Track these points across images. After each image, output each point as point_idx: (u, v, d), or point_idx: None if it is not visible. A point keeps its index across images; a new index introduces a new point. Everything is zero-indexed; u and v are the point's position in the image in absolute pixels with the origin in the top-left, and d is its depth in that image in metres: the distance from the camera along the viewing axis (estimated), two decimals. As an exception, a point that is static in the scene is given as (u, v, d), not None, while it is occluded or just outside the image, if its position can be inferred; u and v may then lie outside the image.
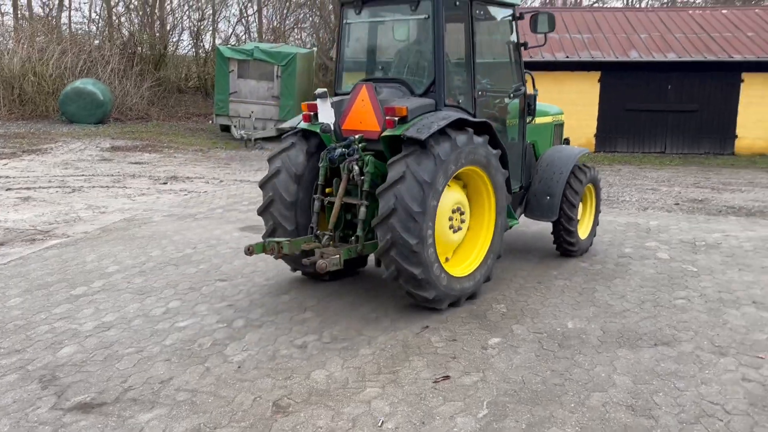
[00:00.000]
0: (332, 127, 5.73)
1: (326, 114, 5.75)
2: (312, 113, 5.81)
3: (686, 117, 17.66)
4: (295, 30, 33.40)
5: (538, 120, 7.20)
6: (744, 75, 17.23)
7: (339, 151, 5.53)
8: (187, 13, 30.78)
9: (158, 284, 6.27)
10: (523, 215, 7.14)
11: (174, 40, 30.16)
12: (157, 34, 28.10)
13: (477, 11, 5.92)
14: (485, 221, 5.91)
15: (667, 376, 4.49)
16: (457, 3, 5.74)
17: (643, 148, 17.92)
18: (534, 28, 6.45)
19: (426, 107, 5.49)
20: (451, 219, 5.55)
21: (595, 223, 7.69)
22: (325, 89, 5.79)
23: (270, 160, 5.97)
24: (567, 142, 8.18)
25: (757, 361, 4.72)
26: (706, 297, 6.06)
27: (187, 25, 30.86)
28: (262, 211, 5.99)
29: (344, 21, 6.24)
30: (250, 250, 5.34)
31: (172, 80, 27.20)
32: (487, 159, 5.63)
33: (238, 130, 18.59)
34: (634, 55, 17.46)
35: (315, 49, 26.31)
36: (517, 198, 6.95)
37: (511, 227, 6.40)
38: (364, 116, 5.64)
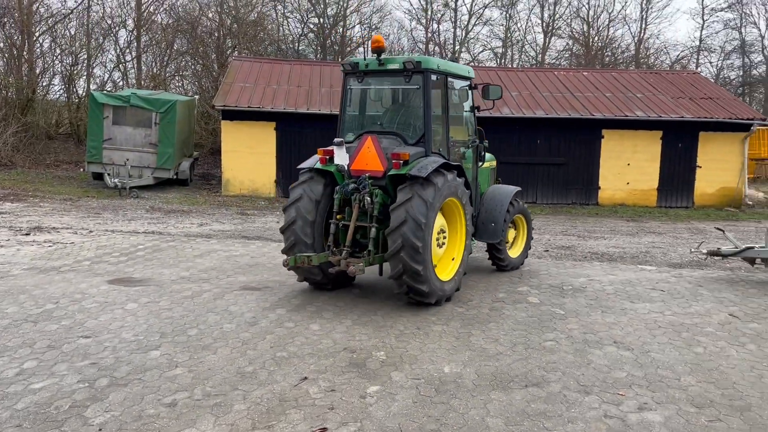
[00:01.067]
0: (346, 168, 7.34)
1: (341, 158, 7.33)
2: (327, 157, 7.47)
3: (555, 169, 18.90)
4: (176, 77, 32.76)
5: (484, 165, 9.18)
6: (604, 131, 18.78)
7: (352, 186, 7.19)
8: (59, 57, 29.41)
9: (12, 343, 5.75)
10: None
11: (44, 84, 28.65)
12: (25, 78, 26.56)
13: (449, 82, 7.83)
14: (458, 241, 7.69)
15: (536, 416, 4.64)
16: (437, 78, 7.57)
17: (517, 198, 18.90)
18: (485, 96, 8.37)
19: (419, 154, 7.25)
20: (438, 237, 7.21)
21: (527, 246, 9.68)
22: (342, 139, 7.49)
23: (293, 188, 7.56)
24: (499, 181, 10.08)
25: (617, 398, 4.99)
26: (572, 338, 6.38)
27: (59, 69, 29.46)
28: (285, 229, 7.45)
29: (347, 86, 7.89)
30: (287, 263, 7.02)
31: (40, 126, 25.68)
32: (462, 193, 7.53)
33: (112, 178, 17.75)
34: (506, 112, 18.56)
35: (197, 96, 25.89)
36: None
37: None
38: (370, 160, 7.26)
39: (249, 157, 18.53)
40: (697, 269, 10.05)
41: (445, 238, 7.46)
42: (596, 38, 51.73)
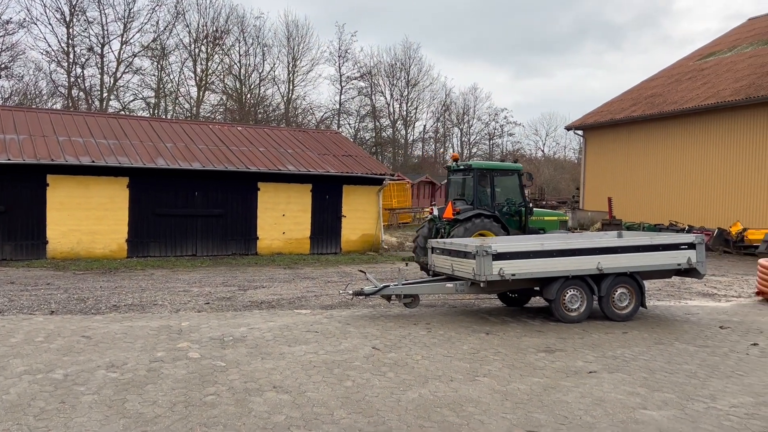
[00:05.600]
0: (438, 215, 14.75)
1: (440, 212, 14.65)
2: (439, 213, 14.76)
3: (214, 221, 18.97)
4: None
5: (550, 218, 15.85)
6: (260, 184, 19.58)
7: (440, 224, 14.53)
8: None
9: None
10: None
11: None
12: None
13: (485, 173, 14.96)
14: None
15: (198, 475, 4.48)
16: (479, 173, 14.71)
17: (176, 251, 18.42)
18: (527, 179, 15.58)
19: (469, 209, 14.23)
20: None
21: None
22: (441, 207, 14.81)
23: (419, 230, 15.23)
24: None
25: (278, 442, 5.13)
26: (233, 389, 6.38)
27: None
28: (415, 249, 14.97)
29: (449, 177, 15.70)
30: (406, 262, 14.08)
31: None
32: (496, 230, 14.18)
33: None
34: (161, 163, 18.08)
35: None
36: None
37: None
38: (449, 212, 14.20)
39: None
40: (345, 309, 11.01)
41: None
42: (249, 95, 54.16)
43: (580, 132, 34.76)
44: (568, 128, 36.00)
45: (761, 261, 12.79)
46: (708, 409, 6.11)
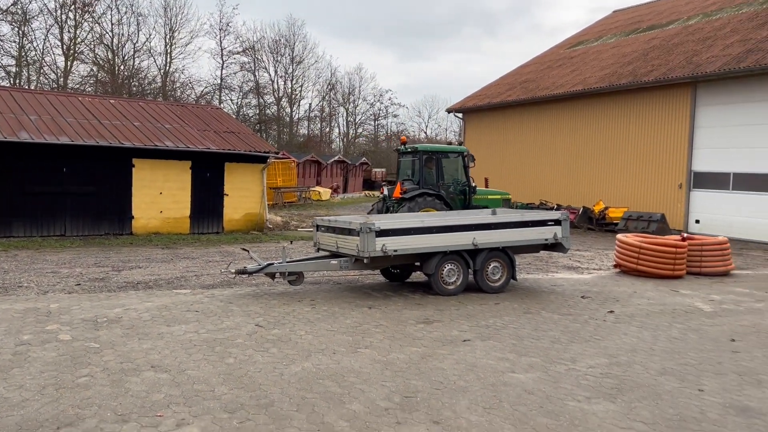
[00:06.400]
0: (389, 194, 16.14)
1: (390, 192, 16.04)
2: (390, 192, 16.09)
3: (85, 200, 17.92)
4: None
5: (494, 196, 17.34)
6: (135, 161, 18.68)
7: (390, 202, 15.95)
8: None
9: None
10: None
11: None
12: None
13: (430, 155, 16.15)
14: None
15: (71, 458, 4.34)
16: (424, 155, 16.00)
17: (42, 231, 17.27)
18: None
19: (414, 188, 15.57)
20: None
21: None
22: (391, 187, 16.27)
23: (374, 205, 16.70)
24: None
25: (156, 420, 5.05)
26: (108, 370, 6.17)
27: None
28: (370, 212, 15.99)
29: (399, 159, 16.92)
30: None
31: None
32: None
33: None
34: (24, 136, 16.81)
35: None
36: None
37: None
38: (397, 192, 15.54)
39: None
40: (227, 288, 10.86)
41: None
42: (122, 67, 51.24)
43: (459, 115, 35.94)
44: (448, 111, 37.12)
45: (619, 236, 13.93)
46: (569, 370, 6.66)
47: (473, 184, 16.42)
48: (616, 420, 5.32)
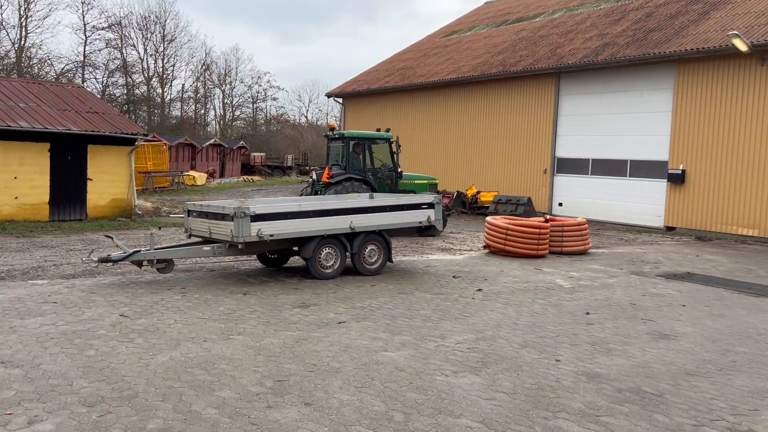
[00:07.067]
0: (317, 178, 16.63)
1: (318, 177, 16.55)
2: (318, 176, 16.59)
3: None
4: None
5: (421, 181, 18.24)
6: (-16, 142, 17.08)
7: (318, 186, 16.34)
8: None
9: None
10: None
11: None
12: None
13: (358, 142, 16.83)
14: None
15: None
16: (351, 141, 16.58)
17: None
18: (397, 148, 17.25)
19: (341, 173, 16.10)
20: None
21: None
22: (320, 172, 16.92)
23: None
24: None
25: (5, 419, 4.68)
26: (-51, 369, 5.64)
27: None
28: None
29: (328, 145, 17.36)
30: None
31: None
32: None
33: None
34: None
35: None
36: None
37: None
38: (325, 176, 15.98)
39: None
40: (90, 278, 10.25)
41: None
42: (-30, 39, 46.65)
43: (339, 100, 35.94)
44: (328, 95, 37.01)
45: (488, 219, 14.57)
46: (438, 346, 6.89)
47: (399, 170, 17.21)
48: (479, 392, 5.58)
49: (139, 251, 9.90)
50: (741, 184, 17.80)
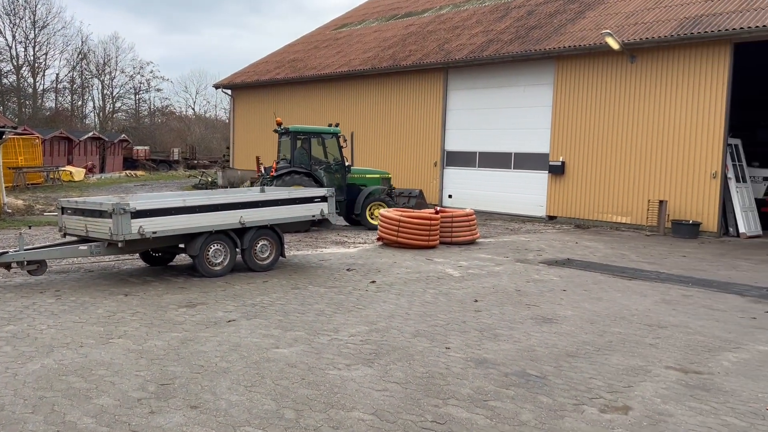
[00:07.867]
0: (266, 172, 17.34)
1: (267, 171, 17.32)
2: (266, 170, 17.53)
3: None
4: None
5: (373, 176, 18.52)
6: None
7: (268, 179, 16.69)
8: None
9: None
10: None
11: None
12: None
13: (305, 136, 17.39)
14: None
15: None
16: (296, 136, 17.26)
17: None
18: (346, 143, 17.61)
19: (286, 167, 16.76)
20: None
21: None
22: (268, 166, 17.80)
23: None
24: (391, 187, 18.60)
25: None
26: None
27: None
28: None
29: (279, 139, 17.63)
30: None
31: None
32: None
33: None
34: None
35: None
36: None
37: None
38: (273, 170, 16.82)
39: None
40: (-50, 283, 9.34)
41: None
42: None
43: (228, 91, 34.97)
44: (216, 86, 35.90)
45: (381, 211, 14.67)
46: (331, 340, 6.83)
47: (347, 164, 17.46)
48: (372, 383, 5.57)
49: (7, 252, 9.14)
50: (615, 174, 18.99)
